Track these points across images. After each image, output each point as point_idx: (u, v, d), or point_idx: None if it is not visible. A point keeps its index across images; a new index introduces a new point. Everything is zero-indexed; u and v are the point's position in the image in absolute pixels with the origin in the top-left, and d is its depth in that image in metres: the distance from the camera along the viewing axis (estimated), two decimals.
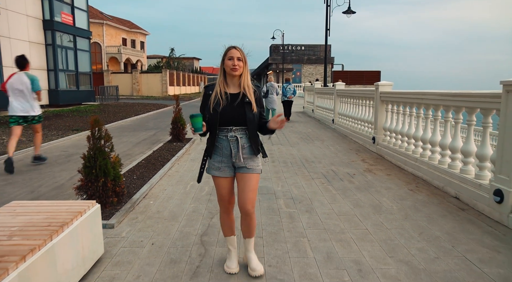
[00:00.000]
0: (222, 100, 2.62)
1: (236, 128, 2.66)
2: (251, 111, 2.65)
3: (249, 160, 2.72)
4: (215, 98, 2.63)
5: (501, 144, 3.91)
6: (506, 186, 3.79)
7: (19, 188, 5.34)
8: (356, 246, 3.35)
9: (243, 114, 2.63)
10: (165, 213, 4.21)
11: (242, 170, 2.73)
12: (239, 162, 2.69)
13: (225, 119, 2.63)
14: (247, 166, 2.71)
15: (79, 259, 2.69)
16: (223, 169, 2.72)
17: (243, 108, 2.64)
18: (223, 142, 2.68)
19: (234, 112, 2.63)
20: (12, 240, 2.27)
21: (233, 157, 2.69)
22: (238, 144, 2.66)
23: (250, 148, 2.72)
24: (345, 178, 5.73)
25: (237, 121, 2.65)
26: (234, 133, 2.66)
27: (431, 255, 3.16)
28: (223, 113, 2.60)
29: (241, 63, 2.62)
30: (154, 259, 3.11)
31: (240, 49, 2.63)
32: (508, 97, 3.81)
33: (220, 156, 2.71)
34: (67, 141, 9.62)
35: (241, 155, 2.68)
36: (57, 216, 2.69)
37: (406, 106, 6.60)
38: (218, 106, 2.61)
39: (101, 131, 4.08)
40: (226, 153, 2.69)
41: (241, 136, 2.68)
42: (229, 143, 2.67)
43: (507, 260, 3.07)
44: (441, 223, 3.88)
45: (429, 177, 5.42)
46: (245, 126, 2.67)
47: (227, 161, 2.71)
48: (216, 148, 2.71)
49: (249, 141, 2.70)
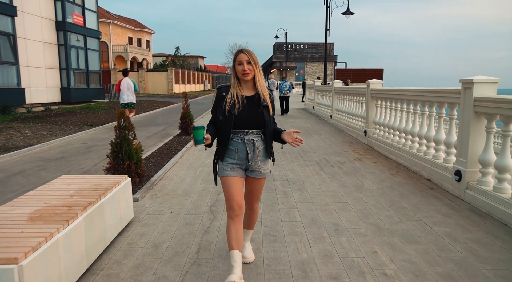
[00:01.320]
0: (238, 103, 2.58)
1: (252, 131, 2.63)
2: (268, 113, 2.64)
3: (263, 163, 2.71)
4: (230, 100, 2.59)
5: (460, 132, 4.66)
6: (463, 167, 4.55)
7: (52, 172, 6.16)
8: (337, 214, 4.13)
9: (261, 117, 2.61)
10: (179, 191, 5.01)
11: (254, 174, 2.72)
12: (255, 165, 2.68)
13: (241, 122, 2.59)
14: (261, 170, 2.72)
15: (117, 217, 3.49)
16: (237, 170, 2.68)
17: (261, 111, 2.62)
18: (238, 145, 2.63)
19: (250, 115, 2.59)
20: (73, 198, 3.07)
21: (250, 160, 2.65)
22: (254, 147, 2.63)
23: (265, 150, 2.71)
24: (335, 165, 6.50)
25: (253, 124, 2.62)
26: (250, 137, 2.62)
27: (396, 220, 3.94)
28: (239, 116, 2.57)
29: (251, 66, 2.58)
30: (173, 222, 3.91)
31: (248, 52, 2.60)
32: (465, 93, 4.56)
33: (235, 158, 2.66)
34: (84, 134, 10.45)
35: (257, 158, 2.66)
36: (101, 184, 3.49)
37: (392, 101, 7.35)
38: (233, 109, 2.57)
39: (126, 122, 4.88)
40: (241, 156, 2.65)
41: (257, 139, 2.65)
42: (246, 146, 2.62)
43: (454, 222, 3.84)
44: (411, 198, 4.65)
45: (409, 163, 6.18)
46: (261, 129, 2.65)
47: (241, 163, 2.67)
48: (230, 151, 2.65)
49: (264, 143, 2.68)
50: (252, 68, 2.58)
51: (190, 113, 9.80)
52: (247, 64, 2.57)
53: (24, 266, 2.05)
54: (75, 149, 8.31)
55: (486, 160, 4.25)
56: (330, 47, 54.22)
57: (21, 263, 2.05)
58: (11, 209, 2.83)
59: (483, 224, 3.80)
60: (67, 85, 19.55)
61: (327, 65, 55.00)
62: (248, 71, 2.56)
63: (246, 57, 2.56)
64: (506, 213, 3.78)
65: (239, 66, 2.58)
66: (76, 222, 2.68)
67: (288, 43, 47.46)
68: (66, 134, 10.15)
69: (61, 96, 19.40)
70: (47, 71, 18.25)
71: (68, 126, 11.74)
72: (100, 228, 3.09)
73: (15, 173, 6.10)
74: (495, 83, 4.38)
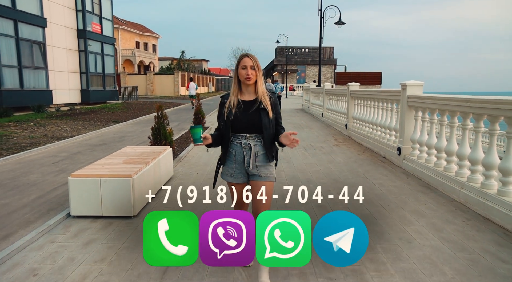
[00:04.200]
0: (235, 108, 2.65)
1: (250, 136, 2.67)
2: (266, 117, 2.66)
3: (262, 167, 2.71)
4: (228, 106, 2.67)
5: (400, 120, 6.58)
6: (402, 144, 6.47)
7: (101, 153, 8.09)
8: (310, 174, 6.06)
9: (258, 121, 2.64)
10: (200, 162, 6.94)
11: (255, 178, 2.72)
12: (252, 169, 2.69)
13: (238, 126, 2.66)
14: (260, 173, 2.70)
15: (165, 172, 5.42)
16: (237, 175, 2.73)
17: (259, 114, 2.65)
18: (236, 148, 2.70)
19: (247, 119, 2.65)
20: (142, 155, 5.01)
21: (246, 164, 2.69)
22: (251, 151, 2.67)
23: (264, 156, 2.71)
24: (317, 148, 8.43)
25: (251, 128, 2.66)
26: (248, 141, 2.67)
27: (348, 176, 5.86)
28: (236, 120, 2.64)
29: (254, 71, 2.64)
30: (200, 177, 5.84)
31: (252, 57, 2.66)
32: (403, 92, 6.47)
33: (234, 162, 2.72)
34: (112, 128, 12.42)
35: (254, 163, 2.68)
36: (155, 150, 5.43)
37: (365, 100, 9.26)
38: (231, 114, 2.65)
39: (162, 113, 6.83)
40: (239, 159, 2.70)
41: (255, 144, 2.68)
42: (243, 150, 2.68)
43: (387, 178, 5.77)
44: (365, 167, 6.56)
45: (373, 146, 8.10)
46: (260, 134, 2.68)
47: (240, 167, 2.72)
48: (230, 154, 2.73)
49: (263, 148, 2.69)
50: (254, 74, 2.65)
51: (202, 110, 11.74)
52: (250, 69, 2.63)
53: (134, 179, 4.00)
54: (110, 138, 10.27)
55: (414, 139, 6.16)
56: (330, 51, 56.31)
57: (133, 177, 4.00)
58: (111, 159, 4.79)
59: (406, 179, 5.72)
60: (86, 87, 21.56)
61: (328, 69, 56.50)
62: (251, 76, 2.63)
63: (250, 62, 2.64)
64: (424, 173, 5.70)
65: (243, 70, 2.64)
66: (150, 165, 4.62)
67: (289, 47, 49.48)
68: (98, 128, 12.12)
69: (81, 97, 21.41)
70: (69, 74, 20.26)
71: (96, 123, 13.70)
72: (159, 172, 5.03)
73: (75, 153, 8.05)
74: (421, 86, 6.30)
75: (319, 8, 18.38)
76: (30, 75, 16.40)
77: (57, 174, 6.17)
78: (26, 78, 16.07)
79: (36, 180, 5.78)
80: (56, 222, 3.86)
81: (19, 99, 15.47)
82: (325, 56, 55.20)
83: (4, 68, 14.76)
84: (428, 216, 4.14)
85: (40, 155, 7.77)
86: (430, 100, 5.68)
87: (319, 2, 18.39)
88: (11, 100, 15.00)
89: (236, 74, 2.71)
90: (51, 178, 5.87)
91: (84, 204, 4.00)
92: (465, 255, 3.23)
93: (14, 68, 15.38)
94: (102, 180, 3.98)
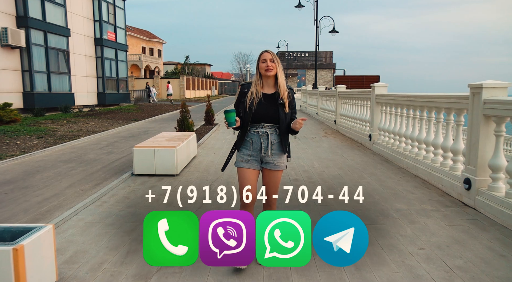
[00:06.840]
0: (257, 99, 2.81)
1: (267, 125, 2.85)
2: (283, 111, 2.83)
3: (276, 156, 2.88)
4: (250, 97, 2.83)
5: (371, 113, 8.48)
6: (372, 132, 8.36)
7: (133, 142, 9.97)
8: (300, 154, 7.94)
9: (276, 113, 2.82)
10: (215, 147, 8.84)
11: (269, 166, 2.89)
12: (267, 156, 2.84)
13: (258, 116, 2.82)
14: (275, 162, 2.88)
15: (191, 151, 7.31)
16: (252, 162, 2.87)
17: (277, 107, 2.83)
18: (254, 137, 2.85)
19: (266, 110, 2.82)
20: (176, 136, 6.92)
21: (263, 151, 2.84)
22: (268, 139, 2.83)
23: (279, 144, 2.88)
24: (308, 138, 10.32)
25: (268, 119, 2.84)
26: (265, 129, 2.83)
27: (329, 155, 7.75)
28: (257, 112, 2.81)
29: (274, 64, 2.81)
30: (216, 156, 7.73)
31: (271, 52, 2.84)
32: (373, 92, 8.36)
33: (250, 150, 2.87)
34: (134, 125, 14.34)
35: (270, 150, 2.83)
36: (184, 134, 7.33)
37: (347, 99, 11.15)
38: (252, 104, 2.81)
39: (186, 109, 8.75)
40: (256, 147, 2.85)
41: (271, 133, 2.85)
42: (260, 138, 2.83)
43: (359, 158, 7.66)
44: (344, 149, 8.45)
45: (353, 136, 9.99)
46: (276, 124, 2.86)
47: (256, 155, 2.87)
48: (246, 142, 2.88)
49: (278, 137, 2.86)
50: (274, 66, 2.82)
51: (212, 109, 13.66)
52: (270, 61, 2.81)
53: (177, 149, 5.92)
54: (136, 132, 12.19)
55: (380, 127, 8.04)
56: (329, 55, 58.38)
57: (176, 148, 5.91)
58: (156, 139, 6.72)
59: (372, 156, 7.61)
60: (103, 90, 23.53)
61: (327, 72, 58.23)
62: (271, 67, 2.81)
63: (270, 56, 2.83)
64: (384, 151, 7.59)
65: (263, 64, 2.82)
66: (184, 142, 6.53)
67: (289, 51, 51.55)
68: (122, 125, 14.03)
69: (97, 100, 23.38)
70: (88, 79, 22.24)
71: (118, 121, 15.62)
72: (189, 149, 6.93)
73: (112, 142, 9.97)
74: (385, 86, 8.20)
75: (315, 18, 20.34)
76: (56, 79, 18.38)
77: (107, 154, 8.08)
78: (53, 82, 18.06)
79: (95, 158, 7.69)
80: (126, 177, 5.78)
81: (48, 101, 17.45)
82: (324, 61, 57.32)
83: (36, 74, 16.75)
84: (378, 175, 6.03)
85: (86, 143, 9.70)
86: (389, 97, 7.57)
87: (314, 12, 20.36)
88: (42, 102, 16.97)
89: (257, 69, 2.91)
90: (105, 157, 7.79)
91: (142, 166, 5.90)
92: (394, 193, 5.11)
93: (44, 74, 17.37)
94: (155, 150, 5.88)
